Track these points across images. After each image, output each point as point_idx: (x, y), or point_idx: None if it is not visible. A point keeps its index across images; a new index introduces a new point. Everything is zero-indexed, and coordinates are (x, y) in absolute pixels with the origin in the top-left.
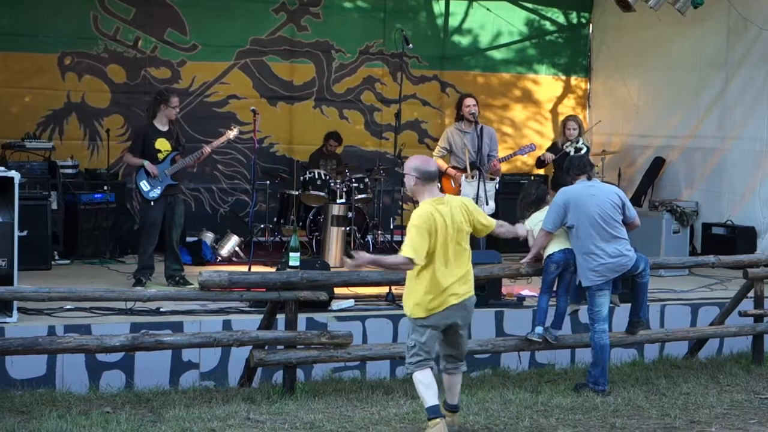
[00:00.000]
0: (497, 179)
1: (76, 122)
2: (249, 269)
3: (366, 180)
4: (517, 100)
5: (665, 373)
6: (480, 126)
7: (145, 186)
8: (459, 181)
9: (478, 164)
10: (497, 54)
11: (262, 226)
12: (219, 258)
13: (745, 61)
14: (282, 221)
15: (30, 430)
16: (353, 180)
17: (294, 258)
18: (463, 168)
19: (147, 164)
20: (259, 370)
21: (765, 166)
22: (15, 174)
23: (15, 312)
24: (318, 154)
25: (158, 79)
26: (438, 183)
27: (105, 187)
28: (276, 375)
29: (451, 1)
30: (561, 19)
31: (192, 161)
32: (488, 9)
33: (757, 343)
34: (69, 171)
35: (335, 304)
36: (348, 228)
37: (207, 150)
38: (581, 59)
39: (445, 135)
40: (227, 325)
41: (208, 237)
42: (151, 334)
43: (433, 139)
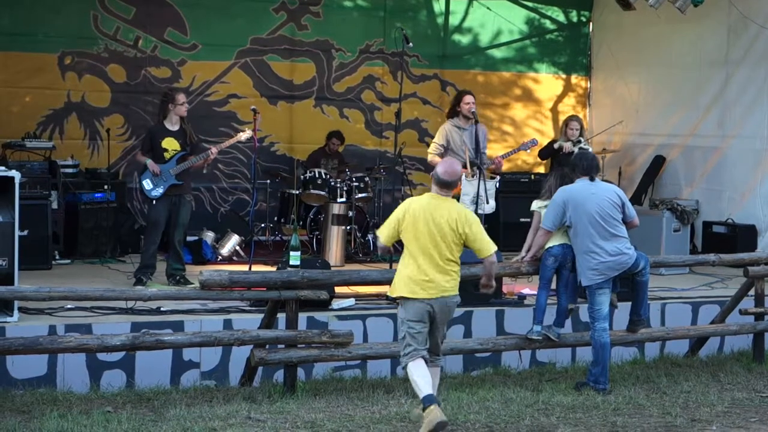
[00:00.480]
0: (497, 178)
1: (77, 122)
2: (250, 268)
3: (366, 179)
4: (518, 99)
5: (666, 372)
6: (476, 123)
7: (148, 185)
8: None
9: (479, 161)
10: (497, 53)
11: (263, 225)
12: (219, 257)
13: (746, 60)
14: (282, 220)
15: (31, 430)
16: (353, 179)
17: (294, 257)
18: (463, 165)
19: (149, 163)
20: (260, 370)
21: (765, 165)
22: (15, 173)
23: (16, 311)
24: (319, 153)
25: (158, 79)
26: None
27: (105, 187)
28: (277, 374)
29: (451, 0)
30: (561, 18)
31: (199, 162)
32: (488, 8)
33: (758, 342)
34: (69, 170)
35: (336, 303)
36: (348, 227)
37: (214, 151)
38: (581, 58)
39: (443, 132)
40: (228, 325)
41: (209, 236)
42: (152, 334)
43: (434, 138)
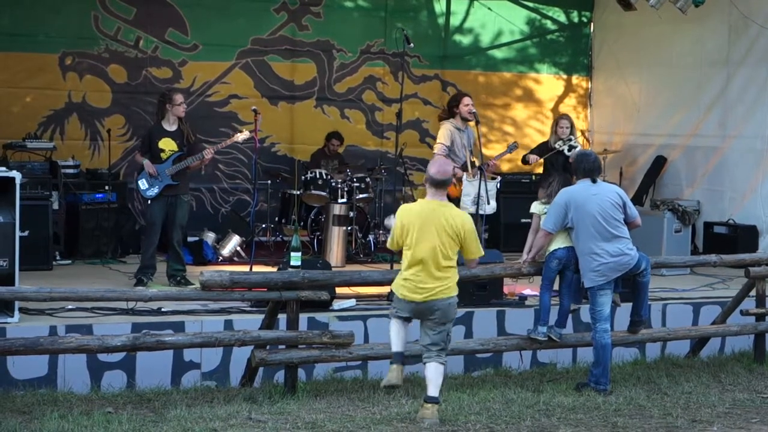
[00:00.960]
0: (498, 178)
1: (77, 122)
2: (250, 269)
3: (367, 179)
4: (519, 99)
5: (667, 372)
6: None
7: (143, 185)
8: (461, 179)
9: (479, 164)
10: (498, 53)
11: (264, 226)
12: (220, 258)
13: (746, 60)
14: (283, 221)
15: (32, 431)
16: (354, 179)
17: (295, 257)
18: (463, 166)
19: (146, 163)
20: (261, 370)
21: (766, 165)
22: (16, 174)
23: (16, 312)
24: (319, 154)
25: (159, 79)
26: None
27: (106, 187)
28: (277, 375)
29: (452, 1)
30: (562, 18)
31: (195, 163)
32: (489, 8)
33: (759, 342)
34: (70, 171)
35: (337, 304)
36: (349, 227)
37: (210, 152)
38: (582, 58)
39: (448, 132)
40: (229, 325)
41: (210, 237)
42: (153, 334)
43: (435, 138)
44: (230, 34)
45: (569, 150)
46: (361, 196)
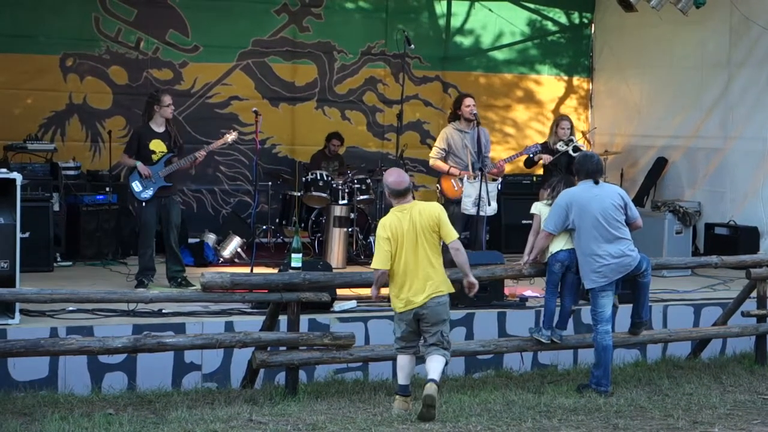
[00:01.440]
0: (499, 180)
1: (78, 124)
2: (251, 270)
3: (368, 181)
4: (519, 101)
5: (668, 374)
6: (477, 126)
7: (137, 187)
8: (460, 182)
9: (480, 165)
10: (499, 54)
11: (264, 228)
12: (221, 259)
13: (748, 61)
14: (284, 222)
15: None
16: (355, 181)
17: (296, 259)
18: (464, 168)
19: (139, 165)
20: (262, 372)
21: (767, 167)
22: (17, 176)
23: (17, 314)
24: (320, 155)
25: (160, 81)
26: (437, 185)
27: (107, 189)
28: (278, 376)
29: (453, 2)
30: (563, 20)
31: (187, 164)
32: (490, 9)
33: (760, 344)
34: (71, 172)
35: (337, 305)
36: (350, 229)
37: (202, 154)
38: (583, 59)
39: (444, 136)
40: (229, 327)
41: (210, 238)
42: (154, 336)
43: (435, 140)
44: (231, 36)
45: (574, 151)
46: (362, 198)
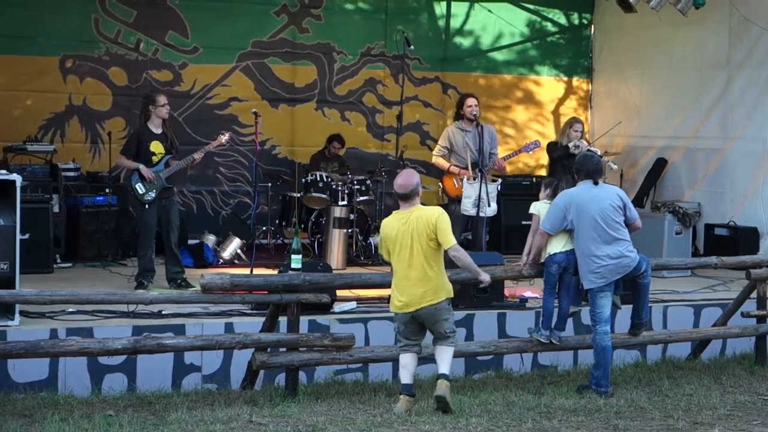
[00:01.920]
0: (499, 180)
1: (78, 125)
2: (251, 272)
3: (368, 182)
4: (519, 102)
5: (668, 375)
6: (480, 125)
7: (141, 189)
8: (461, 180)
9: (481, 164)
10: (499, 55)
11: (264, 229)
12: (221, 260)
13: (747, 62)
14: (284, 223)
15: None
16: (355, 182)
17: (296, 260)
18: (465, 167)
19: (143, 168)
20: (262, 373)
21: (767, 167)
22: (17, 177)
23: (17, 315)
24: (319, 156)
25: (159, 82)
26: (440, 183)
27: (107, 190)
28: (278, 377)
29: (453, 3)
30: (562, 20)
31: (184, 165)
32: (489, 10)
33: (760, 344)
34: (71, 174)
35: (337, 306)
36: (350, 230)
37: (198, 156)
38: (583, 60)
39: (446, 134)
40: (229, 328)
41: (210, 239)
42: (153, 337)
43: (435, 141)
44: (231, 37)
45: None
46: (362, 199)
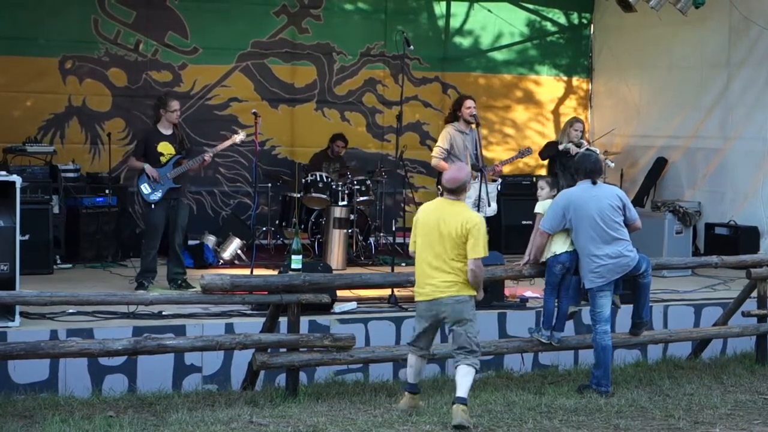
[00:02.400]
0: (499, 180)
1: (78, 126)
2: (251, 272)
3: (368, 182)
4: (519, 101)
5: (669, 374)
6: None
7: (146, 189)
8: None
9: (480, 166)
10: (498, 55)
11: (264, 229)
12: (221, 261)
13: (747, 61)
14: (284, 224)
15: None
16: (355, 182)
17: (296, 260)
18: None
19: (147, 167)
20: (262, 373)
21: (767, 167)
22: (16, 178)
23: (17, 316)
24: (321, 156)
25: (159, 83)
26: (438, 185)
27: (107, 191)
28: (279, 378)
29: (452, 3)
30: (562, 20)
31: (194, 165)
32: (489, 10)
33: (761, 344)
34: (70, 175)
35: (338, 307)
36: (350, 230)
37: (208, 156)
38: (583, 60)
39: (447, 135)
40: (230, 329)
41: (210, 240)
42: (154, 338)
43: (435, 141)
44: (230, 38)
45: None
46: (362, 199)
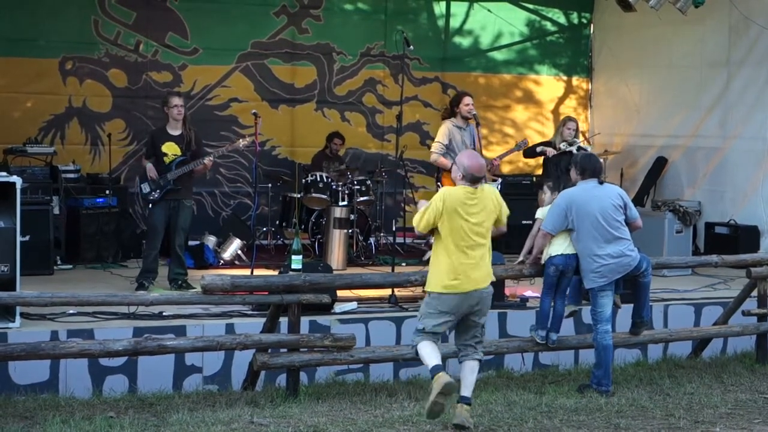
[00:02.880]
0: (499, 180)
1: (78, 127)
2: (251, 272)
3: (368, 182)
4: (519, 101)
5: (669, 374)
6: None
7: (145, 188)
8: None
9: None
10: (498, 55)
11: (264, 229)
12: (221, 261)
13: (747, 60)
14: (284, 224)
15: None
16: (355, 182)
17: (296, 261)
18: None
19: (148, 167)
20: (263, 374)
21: (767, 166)
22: (17, 179)
23: (18, 317)
24: (321, 156)
25: (159, 83)
26: (438, 182)
27: (107, 192)
28: (279, 378)
29: (452, 3)
30: (562, 20)
31: (198, 167)
32: (489, 10)
33: (761, 343)
34: (71, 176)
35: (338, 307)
36: (350, 230)
37: (208, 160)
38: (582, 59)
39: (447, 131)
40: (230, 329)
41: (211, 240)
42: (154, 339)
43: (435, 138)
44: (230, 38)
45: (579, 151)
46: (362, 199)
